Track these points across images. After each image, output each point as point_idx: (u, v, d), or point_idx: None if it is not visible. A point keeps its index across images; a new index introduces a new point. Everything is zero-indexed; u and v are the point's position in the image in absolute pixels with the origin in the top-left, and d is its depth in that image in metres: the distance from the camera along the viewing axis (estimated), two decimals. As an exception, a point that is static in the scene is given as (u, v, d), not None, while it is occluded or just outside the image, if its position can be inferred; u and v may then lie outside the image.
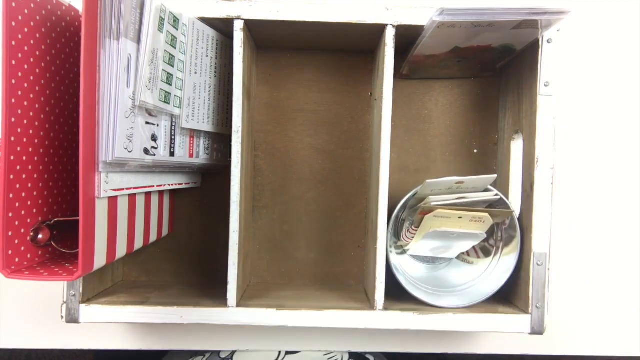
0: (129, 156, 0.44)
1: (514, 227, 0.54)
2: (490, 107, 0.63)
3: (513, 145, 0.58)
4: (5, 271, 0.41)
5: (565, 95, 0.65)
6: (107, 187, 0.43)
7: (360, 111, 0.63)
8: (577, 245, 0.65)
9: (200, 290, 0.59)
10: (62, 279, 0.42)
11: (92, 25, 0.39)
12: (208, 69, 0.55)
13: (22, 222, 0.43)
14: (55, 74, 0.46)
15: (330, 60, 0.63)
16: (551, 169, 0.51)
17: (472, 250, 0.59)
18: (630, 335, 0.66)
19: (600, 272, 0.65)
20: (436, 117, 0.63)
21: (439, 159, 0.64)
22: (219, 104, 0.57)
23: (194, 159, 0.55)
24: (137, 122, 0.45)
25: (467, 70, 0.61)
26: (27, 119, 0.42)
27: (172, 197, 0.62)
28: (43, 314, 0.63)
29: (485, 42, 0.52)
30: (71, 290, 0.51)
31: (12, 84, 0.40)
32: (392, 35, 0.50)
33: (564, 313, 0.66)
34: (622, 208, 0.65)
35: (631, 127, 0.65)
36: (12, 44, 0.40)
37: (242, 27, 0.50)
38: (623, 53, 0.65)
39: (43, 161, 0.45)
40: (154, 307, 0.51)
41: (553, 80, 0.51)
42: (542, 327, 0.52)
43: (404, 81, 0.63)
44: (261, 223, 0.63)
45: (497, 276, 0.56)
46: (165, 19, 0.46)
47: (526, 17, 0.45)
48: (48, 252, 0.47)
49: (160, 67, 0.46)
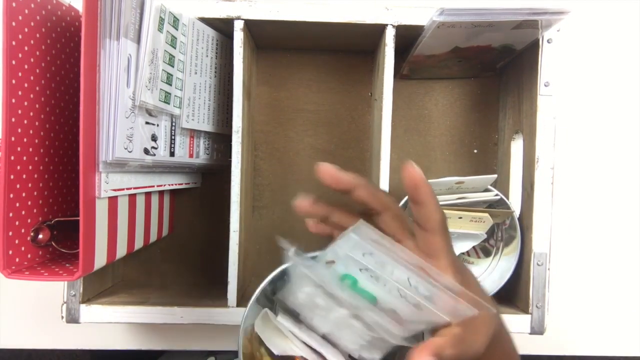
0: (129, 156, 0.44)
1: (514, 227, 0.54)
2: (490, 107, 0.63)
3: (513, 145, 0.58)
4: (6, 271, 0.41)
5: (565, 95, 0.65)
6: (107, 187, 0.43)
7: (360, 111, 0.63)
8: (577, 245, 0.65)
9: (200, 290, 0.58)
10: (62, 279, 0.42)
11: (92, 25, 0.39)
12: (208, 69, 0.55)
13: (23, 222, 0.43)
14: (55, 74, 0.46)
15: (330, 60, 0.63)
16: (551, 169, 0.51)
17: (473, 250, 0.59)
18: (630, 335, 0.66)
19: (600, 272, 0.65)
20: (436, 117, 0.63)
21: (439, 159, 0.64)
22: (219, 104, 0.57)
23: (194, 159, 0.55)
24: (137, 122, 0.45)
25: (467, 70, 0.61)
26: (27, 119, 0.42)
27: (172, 197, 0.62)
28: (43, 314, 0.63)
29: (485, 42, 0.52)
30: (71, 290, 0.51)
31: (12, 84, 0.40)
32: (392, 35, 0.50)
33: (564, 313, 0.65)
34: (622, 208, 0.65)
35: (631, 127, 0.65)
36: (12, 44, 0.40)
37: (242, 27, 0.50)
38: (623, 53, 0.64)
39: (43, 161, 0.45)
40: (154, 307, 0.51)
41: (553, 80, 0.51)
42: (542, 327, 0.52)
43: (404, 81, 0.63)
44: (261, 223, 0.63)
45: (497, 276, 0.56)
46: (165, 19, 0.46)
47: (526, 17, 0.45)
48: (48, 252, 0.47)
49: (160, 67, 0.46)
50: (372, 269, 0.31)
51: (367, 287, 0.33)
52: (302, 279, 0.35)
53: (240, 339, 0.37)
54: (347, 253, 0.32)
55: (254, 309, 0.38)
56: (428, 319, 0.32)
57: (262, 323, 0.38)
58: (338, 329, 0.35)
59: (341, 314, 0.33)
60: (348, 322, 0.33)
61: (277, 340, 0.37)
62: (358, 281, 0.33)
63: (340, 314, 0.34)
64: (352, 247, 0.31)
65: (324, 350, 0.35)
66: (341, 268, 0.33)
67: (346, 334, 0.35)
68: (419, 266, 0.30)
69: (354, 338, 0.34)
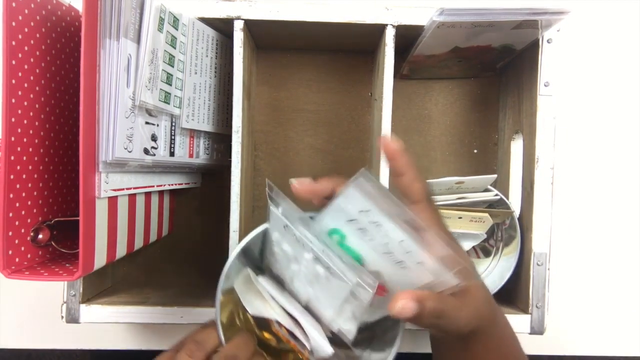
0: (129, 156, 0.44)
1: (514, 227, 0.54)
2: (490, 107, 0.63)
3: (513, 145, 0.58)
4: (6, 271, 0.41)
5: (565, 95, 0.65)
6: (107, 187, 0.43)
7: (360, 111, 0.63)
8: (577, 245, 0.65)
9: (200, 290, 0.58)
10: (62, 279, 0.42)
11: (92, 25, 0.39)
12: (208, 69, 0.55)
13: (23, 222, 0.43)
14: (55, 74, 0.46)
15: (330, 60, 0.63)
16: (551, 168, 0.51)
17: (472, 251, 0.59)
18: (630, 335, 0.66)
19: (600, 272, 0.65)
20: (436, 117, 0.63)
21: (439, 159, 0.64)
22: (219, 104, 0.57)
23: (194, 159, 0.55)
24: (137, 122, 0.45)
25: (467, 70, 0.61)
26: (27, 119, 0.42)
27: (172, 197, 0.62)
28: (43, 314, 0.63)
29: (485, 42, 0.52)
30: (71, 290, 0.51)
31: (12, 84, 0.40)
32: (392, 35, 0.50)
33: (564, 313, 0.65)
34: (622, 208, 0.65)
35: (631, 127, 0.65)
36: (12, 44, 0.40)
37: (242, 27, 0.50)
38: (623, 53, 0.64)
39: (43, 161, 0.45)
40: (154, 307, 0.51)
41: (553, 80, 0.51)
42: (542, 327, 0.52)
43: (404, 81, 0.63)
44: (261, 223, 0.63)
45: (497, 276, 0.56)
46: (165, 19, 0.46)
47: (526, 17, 0.45)
48: (48, 252, 0.47)
49: (160, 67, 0.46)
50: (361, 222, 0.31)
51: (354, 244, 0.32)
52: (275, 221, 0.34)
53: (218, 293, 0.36)
54: (342, 207, 0.31)
55: (236, 267, 0.37)
56: (412, 282, 0.31)
57: (243, 283, 0.38)
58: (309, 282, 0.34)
59: (307, 259, 0.32)
60: (315, 270, 0.33)
61: (256, 301, 0.36)
62: (346, 237, 0.32)
63: (306, 259, 0.33)
64: (350, 203, 0.31)
65: (301, 317, 0.34)
66: (330, 222, 0.32)
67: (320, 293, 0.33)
68: (415, 227, 0.30)
69: (330, 301, 0.33)
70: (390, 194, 0.30)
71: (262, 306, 0.36)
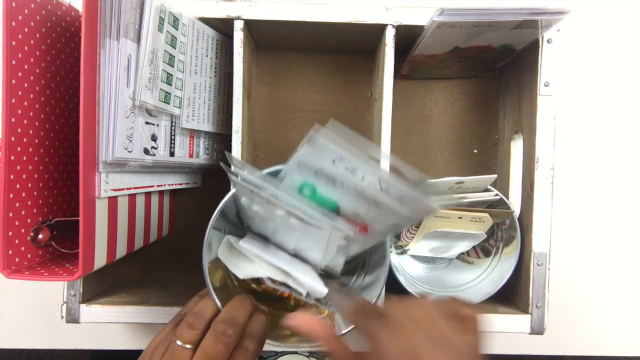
0: (129, 156, 0.44)
1: (514, 227, 0.54)
2: (490, 107, 0.63)
3: (513, 145, 0.58)
4: (6, 271, 0.41)
5: (565, 95, 0.65)
6: (107, 187, 0.43)
7: (360, 111, 0.63)
8: (577, 245, 0.65)
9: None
10: (62, 279, 0.42)
11: (92, 25, 0.39)
12: (208, 69, 0.55)
13: (22, 222, 0.43)
14: (55, 74, 0.46)
15: (330, 60, 0.63)
16: (551, 169, 0.51)
17: (472, 251, 0.59)
18: (630, 335, 0.66)
19: (600, 272, 0.65)
20: (436, 117, 0.63)
21: (439, 159, 0.64)
22: (219, 104, 0.57)
23: (194, 159, 0.55)
24: (137, 122, 0.45)
25: (467, 70, 0.61)
26: (27, 119, 0.42)
27: (172, 197, 0.62)
28: (43, 314, 0.63)
29: (485, 42, 0.52)
30: (71, 290, 0.51)
31: (12, 84, 0.40)
32: (392, 35, 0.50)
33: (564, 313, 0.65)
34: (622, 208, 0.65)
35: (631, 127, 0.65)
36: (12, 44, 0.40)
37: (242, 27, 0.50)
38: (623, 53, 0.64)
39: (43, 161, 0.45)
40: (154, 307, 0.51)
41: (553, 80, 0.51)
42: (542, 327, 0.52)
43: (404, 81, 0.63)
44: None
45: (497, 276, 0.56)
46: (165, 19, 0.46)
47: (526, 17, 0.45)
48: (48, 252, 0.47)
49: (160, 67, 0.46)
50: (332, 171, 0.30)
51: (328, 193, 0.32)
52: (240, 188, 0.34)
53: (204, 263, 0.37)
54: (310, 160, 0.31)
55: (216, 237, 0.38)
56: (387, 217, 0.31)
57: (227, 250, 0.38)
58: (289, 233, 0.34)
59: (280, 215, 0.33)
60: (290, 223, 0.33)
61: (243, 264, 0.37)
62: (317, 188, 0.32)
63: (280, 216, 0.33)
64: (320, 154, 0.31)
65: (290, 267, 0.35)
66: (298, 177, 0.32)
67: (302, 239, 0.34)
68: (393, 166, 0.30)
69: (313, 244, 0.34)
70: (359, 136, 0.30)
71: (251, 267, 0.36)
